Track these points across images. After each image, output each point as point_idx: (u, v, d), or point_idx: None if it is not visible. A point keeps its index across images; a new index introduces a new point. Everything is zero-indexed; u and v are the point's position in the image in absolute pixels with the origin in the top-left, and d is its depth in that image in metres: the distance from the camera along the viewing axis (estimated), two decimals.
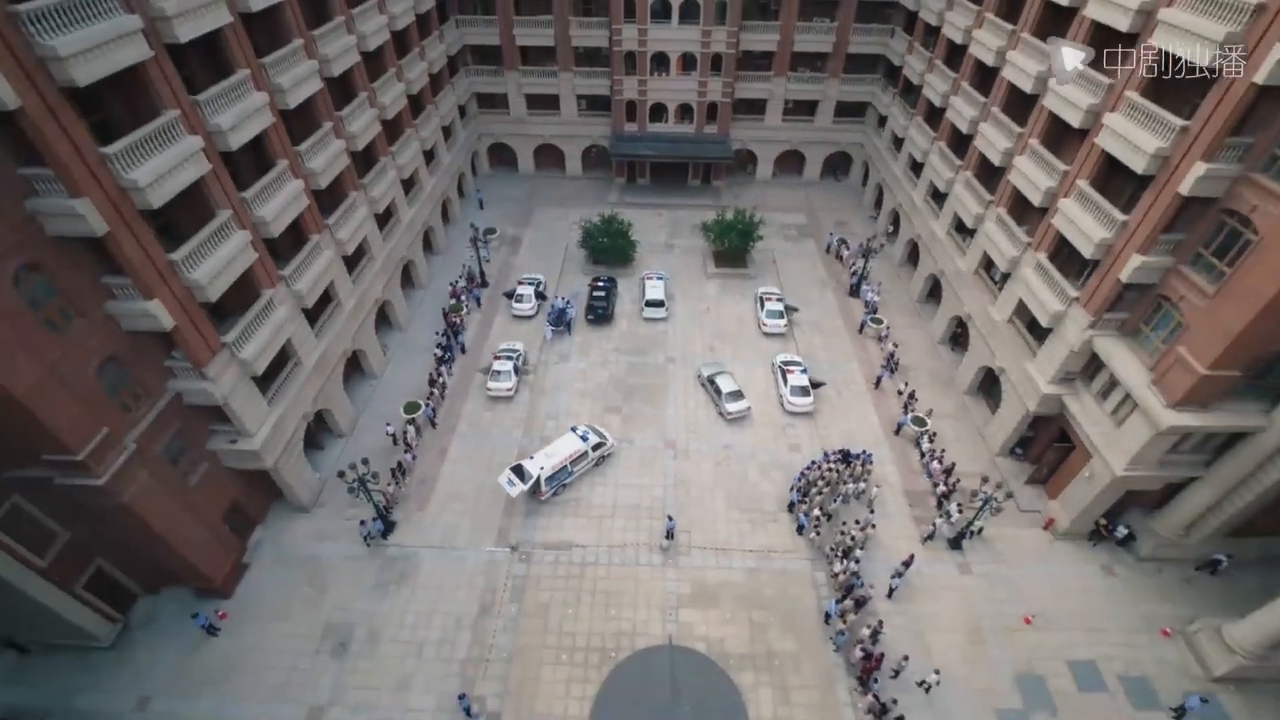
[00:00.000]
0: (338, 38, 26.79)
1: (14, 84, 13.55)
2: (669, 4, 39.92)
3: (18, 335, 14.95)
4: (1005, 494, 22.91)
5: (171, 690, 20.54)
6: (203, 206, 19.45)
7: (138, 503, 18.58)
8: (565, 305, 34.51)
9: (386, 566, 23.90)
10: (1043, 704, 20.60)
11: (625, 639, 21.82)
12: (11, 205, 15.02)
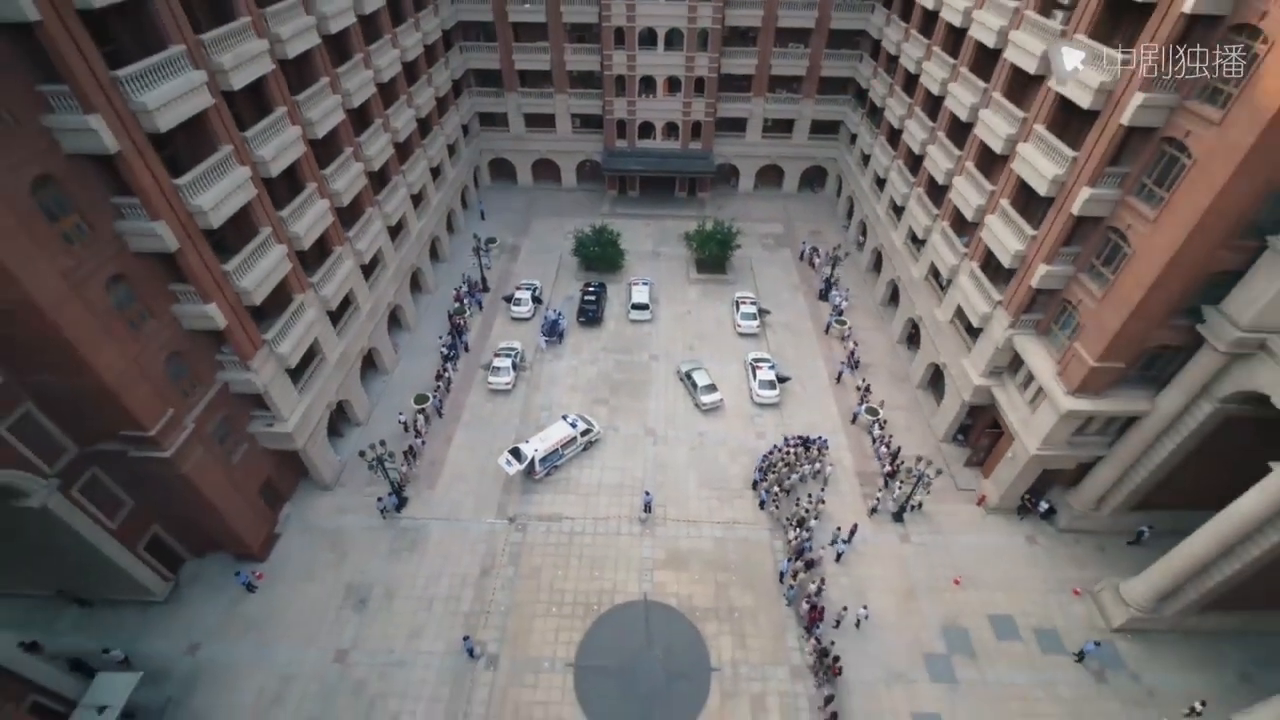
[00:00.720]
0: (356, 73, 30.47)
1: (112, 130, 17.14)
2: (655, 32, 43.59)
3: (109, 333, 18.53)
4: (935, 471, 26.50)
5: (217, 638, 24.05)
6: (248, 225, 23.06)
7: (194, 474, 22.14)
8: (558, 317, 37.93)
9: (400, 536, 27.43)
10: (964, 650, 24.06)
11: (606, 596, 25.32)
12: (105, 227, 18.60)
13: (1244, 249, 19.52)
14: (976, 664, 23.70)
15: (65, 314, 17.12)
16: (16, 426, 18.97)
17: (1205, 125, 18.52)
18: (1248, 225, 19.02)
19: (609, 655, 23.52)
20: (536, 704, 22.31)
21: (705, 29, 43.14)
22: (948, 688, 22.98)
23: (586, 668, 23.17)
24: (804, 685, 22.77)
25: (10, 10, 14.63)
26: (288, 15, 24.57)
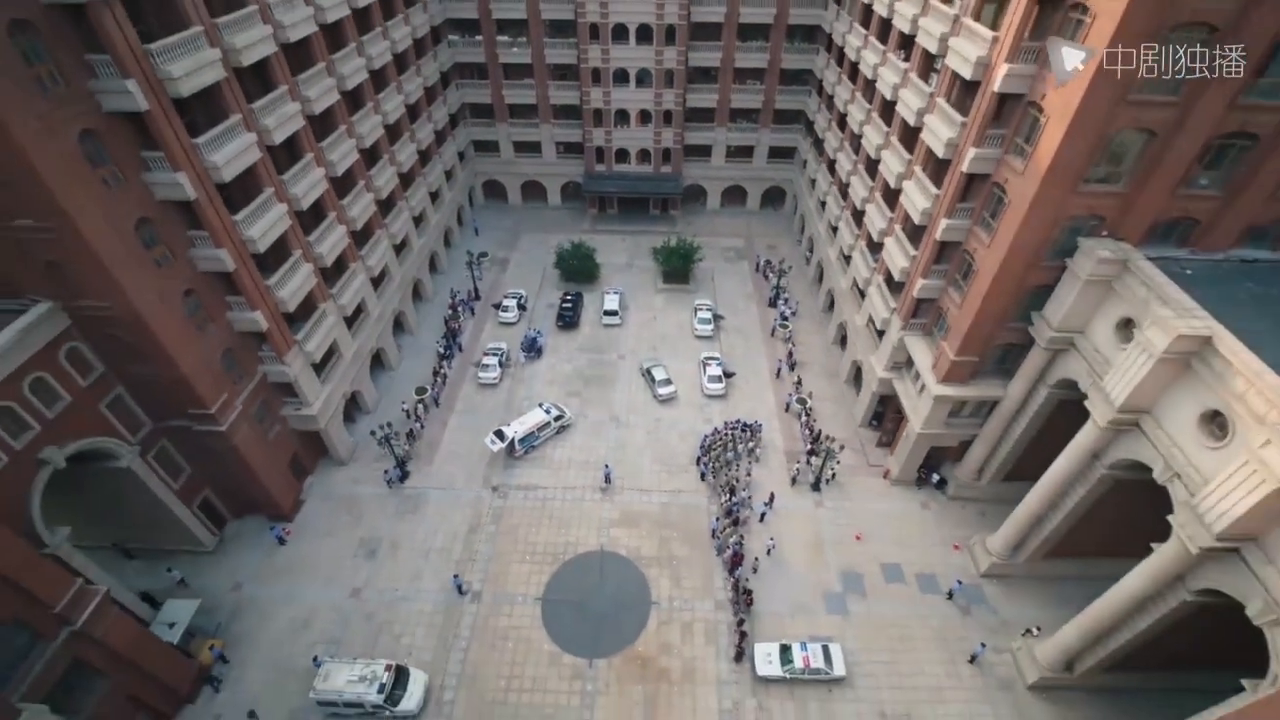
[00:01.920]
0: (367, 119, 36.59)
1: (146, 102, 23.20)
2: (627, 72, 49.72)
3: (186, 334, 24.55)
4: (839, 447, 32.40)
5: (255, 580, 29.93)
6: (284, 249, 29.07)
7: (241, 445, 28.10)
8: (536, 335, 43.35)
9: (403, 501, 33.35)
10: (857, 590, 29.86)
11: (570, 547, 31.19)
12: (182, 253, 24.66)
13: (1053, 268, 25.40)
14: (866, 601, 29.50)
15: (157, 321, 23.13)
16: (111, 405, 24.99)
17: (1015, 174, 24.48)
18: (1052, 250, 24.95)
19: (570, 592, 29.38)
20: (511, 629, 28.15)
21: (671, 69, 49.26)
22: (841, 618, 28.78)
23: (551, 601, 29.03)
24: (724, 615, 28.58)
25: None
26: (313, 80, 30.71)
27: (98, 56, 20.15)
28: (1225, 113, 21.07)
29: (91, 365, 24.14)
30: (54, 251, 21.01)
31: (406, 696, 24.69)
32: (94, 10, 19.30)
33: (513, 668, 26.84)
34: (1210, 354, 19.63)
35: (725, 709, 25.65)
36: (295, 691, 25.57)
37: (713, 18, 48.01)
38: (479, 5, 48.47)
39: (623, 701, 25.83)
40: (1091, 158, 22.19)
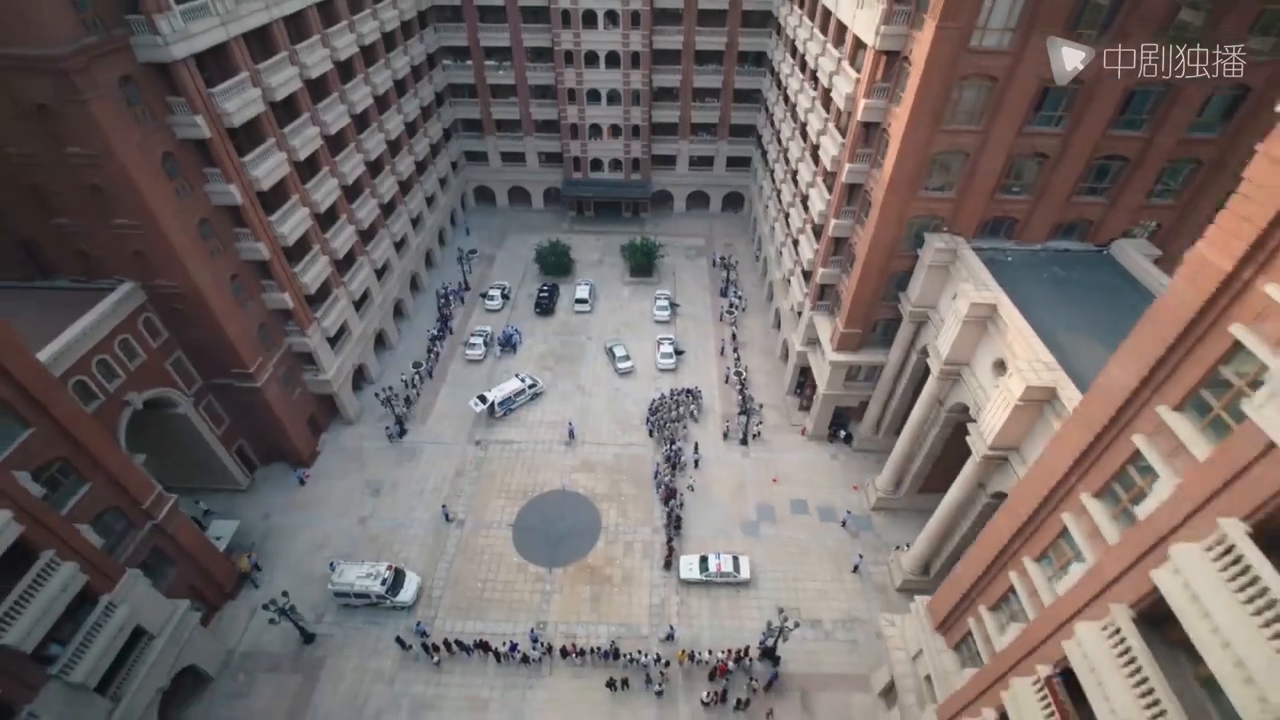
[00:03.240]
0: (372, 136, 43.75)
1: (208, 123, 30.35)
2: (599, 92, 56.90)
3: (232, 308, 31.67)
4: (759, 406, 39.45)
5: (281, 511, 36.95)
6: (306, 243, 36.18)
7: (272, 400, 35.18)
8: (513, 333, 49.88)
9: (402, 453, 40.38)
10: (769, 519, 36.82)
11: (538, 487, 38.20)
12: (230, 246, 31.77)
13: (910, 257, 32.42)
14: (775, 527, 36.48)
15: (212, 297, 30.25)
16: (173, 363, 32.08)
17: (876, 184, 31.55)
18: (908, 243, 31.99)
19: (536, 520, 36.41)
20: (487, 547, 35.16)
21: (637, 89, 56.44)
22: (753, 539, 35.74)
23: (521, 527, 36.07)
24: (658, 537, 35.54)
25: (160, 54, 25.78)
26: (329, 107, 37.91)
27: (175, 99, 27.32)
28: (1016, 138, 28.13)
29: (160, 331, 31.23)
30: (140, 243, 28.14)
31: (403, 590, 31.70)
32: (175, 67, 26.47)
33: (488, 574, 33.87)
34: (997, 317, 26.68)
35: (654, 604, 32.63)
36: (315, 591, 32.56)
37: (672, 45, 55.16)
38: (469, 35, 55.72)
39: (574, 598, 32.83)
40: (922, 172, 29.24)
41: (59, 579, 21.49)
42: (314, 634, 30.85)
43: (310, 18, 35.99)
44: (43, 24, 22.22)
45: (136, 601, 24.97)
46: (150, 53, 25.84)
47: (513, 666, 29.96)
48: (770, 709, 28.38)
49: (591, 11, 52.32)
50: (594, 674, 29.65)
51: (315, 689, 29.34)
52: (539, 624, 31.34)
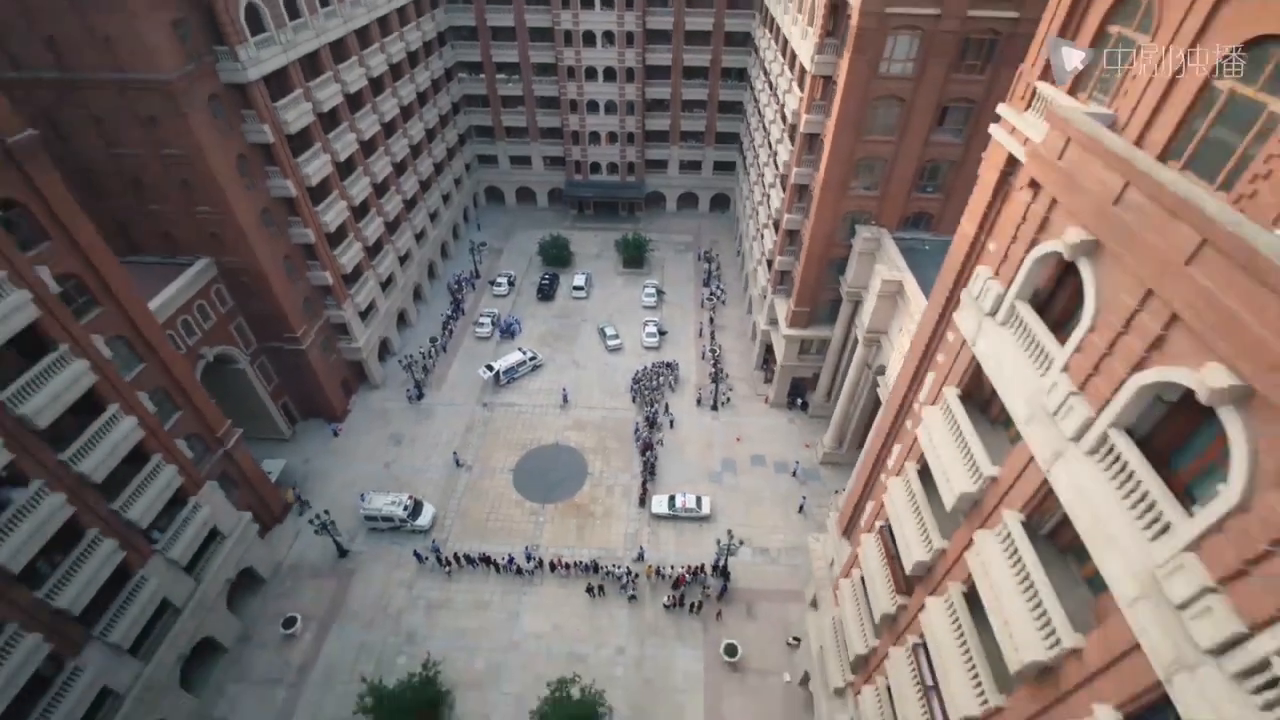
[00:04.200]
0: (397, 141, 50.71)
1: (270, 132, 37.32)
2: (598, 103, 63.68)
3: (285, 283, 38.59)
4: (725, 375, 45.85)
5: (318, 457, 43.77)
6: (343, 231, 43.09)
7: (314, 363, 42.04)
8: (513, 322, 56.41)
9: (420, 412, 47.13)
10: (731, 471, 43.14)
11: (535, 441, 44.78)
12: (284, 232, 38.72)
13: (847, 246, 38.74)
14: (736, 477, 42.79)
15: (271, 273, 37.15)
16: (236, 327, 39.01)
17: (815, 184, 37.92)
18: (844, 234, 38.32)
19: (533, 467, 42.97)
20: (491, 488, 41.75)
21: (632, 101, 63.20)
22: (717, 485, 42.05)
23: (520, 471, 42.66)
24: (635, 482, 41.97)
25: (238, 76, 33.41)
26: (362, 116, 44.88)
27: (248, 111, 34.31)
28: (923, 147, 34.46)
29: (227, 300, 38.15)
30: (215, 227, 35.09)
31: (421, 516, 38.35)
32: (249, 86, 33.46)
33: (491, 508, 40.46)
34: (904, 292, 32.97)
35: (629, 533, 39.06)
36: (348, 519, 39.21)
37: (663, 61, 61.85)
38: (482, 51, 62.73)
39: (563, 528, 39.32)
40: (850, 174, 35.61)
41: (164, 477, 28.32)
42: (348, 550, 37.56)
43: (350, 42, 42.99)
44: (158, 55, 29.17)
45: (214, 507, 31.79)
46: (231, 75, 32.83)
47: (510, 577, 36.49)
48: (719, 611, 34.72)
49: (591, 32, 59.17)
50: (576, 583, 36.12)
51: (348, 592, 36.03)
52: (533, 545, 37.85)
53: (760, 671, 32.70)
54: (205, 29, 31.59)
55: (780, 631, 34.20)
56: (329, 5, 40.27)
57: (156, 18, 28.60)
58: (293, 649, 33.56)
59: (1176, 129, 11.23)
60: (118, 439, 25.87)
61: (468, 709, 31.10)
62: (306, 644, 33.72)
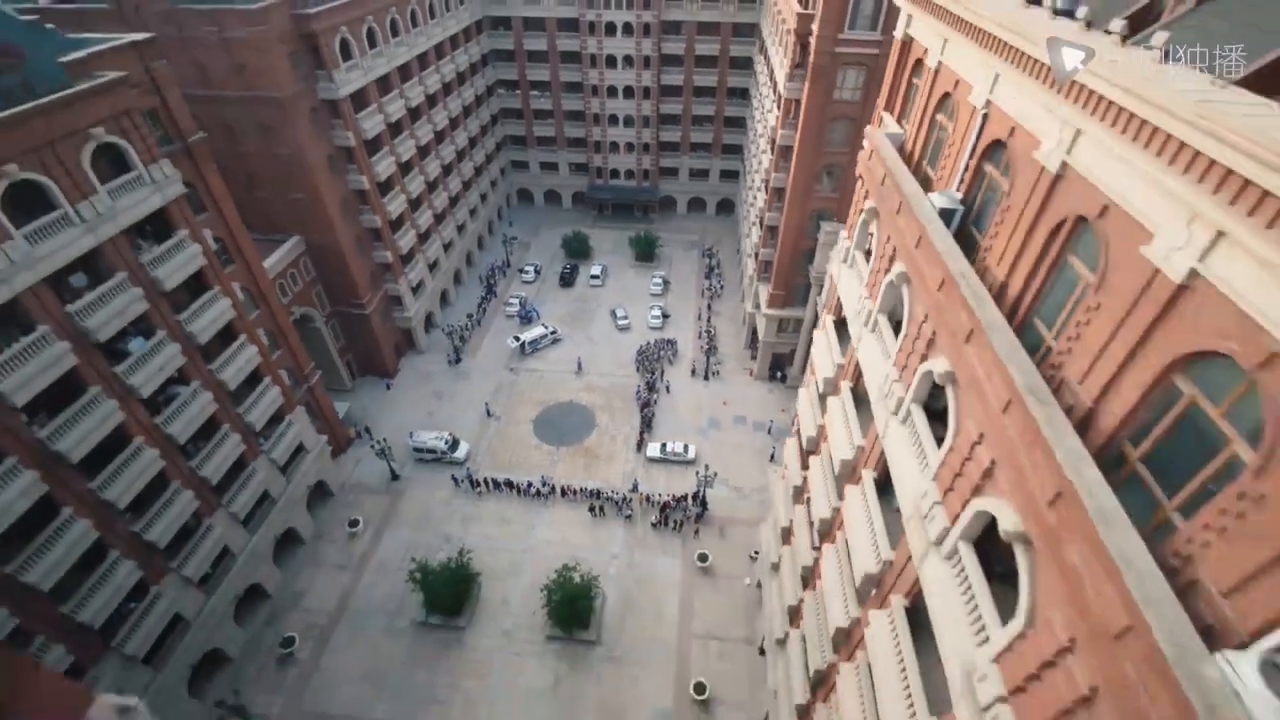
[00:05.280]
0: (448, 145, 60.15)
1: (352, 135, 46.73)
2: (618, 116, 72.68)
3: (357, 263, 47.95)
4: (717, 351, 53.93)
5: (374, 404, 52.94)
6: (402, 219, 52.44)
7: (375, 327, 51.31)
8: (533, 310, 64.97)
9: (458, 374, 56.14)
10: (716, 428, 51.16)
11: (553, 398, 53.36)
12: (355, 215, 48.11)
13: (814, 239, 46.69)
14: (719, 432, 50.78)
15: (347, 250, 46.52)
16: (316, 293, 48.43)
17: (788, 185, 46.00)
18: (812, 229, 46.31)
19: (550, 419, 51.52)
20: (515, 433, 50.39)
21: (648, 115, 72.07)
22: (703, 438, 50.05)
23: (539, 422, 51.25)
24: (634, 433, 50.23)
25: (332, 93, 42.94)
26: (422, 126, 54.36)
27: (336, 120, 43.81)
28: None
29: (310, 271, 47.55)
30: (307, 211, 44.51)
31: (459, 450, 47.10)
32: (340, 102, 42.95)
33: (515, 449, 49.07)
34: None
35: (627, 471, 47.26)
36: (399, 452, 48.12)
37: (675, 82, 70.64)
38: (519, 71, 72.26)
39: (573, 465, 47.70)
40: (814, 178, 43.68)
41: (270, 396, 37.44)
42: (399, 474, 46.45)
43: (413, 65, 52.55)
44: (278, 78, 38.67)
45: (301, 426, 40.91)
46: (327, 93, 42.35)
47: (528, 499, 44.95)
48: (697, 530, 42.71)
49: (613, 55, 68.27)
50: (582, 505, 44.44)
51: (399, 505, 44.86)
52: (548, 476, 46.30)
53: (726, 576, 40.56)
54: (310, 57, 41.13)
55: (745, 548, 42.00)
56: (398, 35, 49.84)
57: (279, 50, 38.13)
58: (355, 544, 42.44)
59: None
60: (243, 361, 35.01)
61: (492, 593, 39.52)
62: (366, 541, 42.57)
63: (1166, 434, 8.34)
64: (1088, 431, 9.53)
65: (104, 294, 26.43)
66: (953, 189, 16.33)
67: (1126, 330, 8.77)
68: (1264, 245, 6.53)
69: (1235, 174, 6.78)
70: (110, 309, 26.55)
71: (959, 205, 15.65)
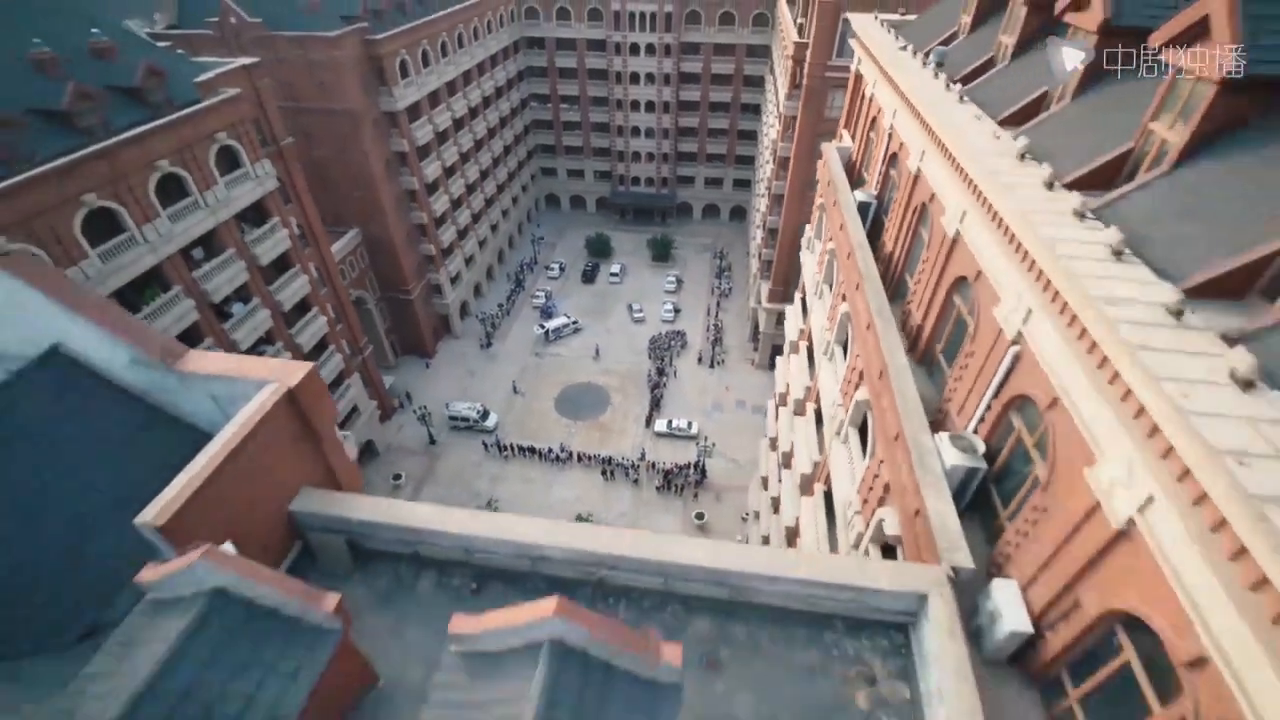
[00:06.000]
0: (486, 152, 67.08)
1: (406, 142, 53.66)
2: (639, 128, 79.17)
3: (406, 254, 54.81)
4: (722, 342, 59.71)
5: (414, 379, 59.60)
6: (445, 217, 59.29)
7: (417, 312, 58.12)
8: (553, 306, 71.36)
9: (489, 356, 62.67)
10: (718, 409, 56.79)
11: (573, 381, 59.52)
12: (405, 212, 55.04)
13: None
14: (721, 414, 56.39)
15: (399, 242, 53.39)
16: (369, 280, 55.37)
17: (785, 190, 51.76)
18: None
19: (570, 397, 57.66)
20: (539, 408, 56.61)
21: (667, 128, 78.45)
22: (706, 418, 55.73)
23: (560, 399, 57.42)
24: (644, 411, 56.08)
25: (392, 106, 50.00)
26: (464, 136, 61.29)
27: (394, 129, 50.77)
28: None
29: (365, 259, 54.50)
30: (366, 207, 51.47)
31: (489, 420, 53.43)
32: (398, 114, 49.94)
33: (538, 421, 55.27)
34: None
35: (636, 443, 53.12)
36: (436, 421, 54.65)
37: (693, 98, 76.98)
38: (550, 86, 79.24)
39: (589, 437, 53.71)
40: (807, 185, 49.24)
41: (333, 362, 44.10)
42: (436, 440, 52.90)
43: (458, 81, 59.58)
44: (350, 93, 45.68)
45: (356, 390, 47.55)
46: (388, 106, 49.36)
47: (548, 464, 51.02)
48: (696, 493, 48.34)
49: (636, 73, 74.87)
50: (595, 470, 50.38)
51: (436, 465, 51.26)
52: (565, 444, 52.34)
53: (720, 533, 46.06)
54: (375, 75, 48.19)
55: (738, 511, 47.49)
56: (447, 56, 56.92)
57: (352, 70, 45.19)
58: (398, 496, 48.81)
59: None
60: (315, 329, 41.73)
61: None
62: (408, 493, 48.96)
63: (1008, 459, 10.40)
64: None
65: (218, 264, 33.24)
66: (871, 189, 22.12)
67: (984, 375, 10.98)
68: (1057, 328, 8.29)
69: (1045, 278, 8.55)
70: (222, 276, 33.36)
71: (873, 200, 21.42)
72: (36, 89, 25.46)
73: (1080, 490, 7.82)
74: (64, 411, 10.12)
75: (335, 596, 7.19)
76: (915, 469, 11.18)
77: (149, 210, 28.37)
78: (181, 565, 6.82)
